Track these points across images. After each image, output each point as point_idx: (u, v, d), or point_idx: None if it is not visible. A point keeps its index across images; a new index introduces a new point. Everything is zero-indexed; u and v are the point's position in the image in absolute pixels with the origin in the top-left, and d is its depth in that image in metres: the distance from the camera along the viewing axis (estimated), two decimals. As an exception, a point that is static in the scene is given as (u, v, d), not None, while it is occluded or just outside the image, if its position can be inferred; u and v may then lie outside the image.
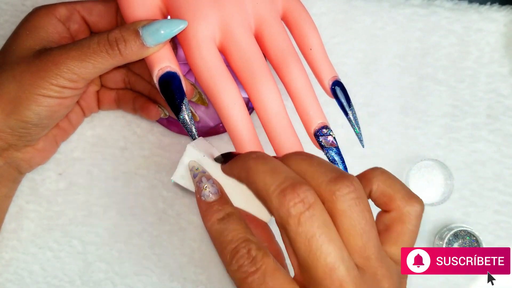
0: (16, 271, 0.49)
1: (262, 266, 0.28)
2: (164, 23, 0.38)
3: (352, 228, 0.28)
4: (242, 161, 0.31)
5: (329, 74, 0.41)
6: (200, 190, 0.33)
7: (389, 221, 0.31)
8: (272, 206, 0.28)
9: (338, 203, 0.28)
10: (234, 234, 0.30)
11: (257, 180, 0.29)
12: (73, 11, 0.44)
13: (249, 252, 0.29)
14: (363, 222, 0.28)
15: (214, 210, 0.32)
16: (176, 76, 0.38)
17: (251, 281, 0.28)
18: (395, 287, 0.30)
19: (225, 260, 0.29)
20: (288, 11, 0.41)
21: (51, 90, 0.39)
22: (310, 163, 0.30)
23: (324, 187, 0.28)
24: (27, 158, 0.44)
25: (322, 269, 0.27)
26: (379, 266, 0.29)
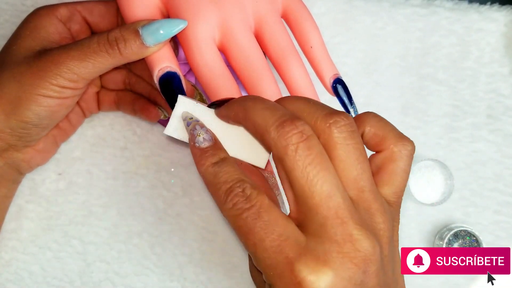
0: (16, 271, 0.49)
1: (257, 203, 0.29)
2: (163, 22, 0.38)
3: (347, 159, 0.29)
4: (240, 101, 0.32)
5: (330, 72, 0.41)
6: (194, 137, 0.33)
7: (381, 161, 0.32)
8: (270, 138, 0.29)
9: (333, 134, 0.29)
10: (228, 176, 0.30)
11: (255, 116, 0.30)
12: (74, 11, 0.44)
13: (243, 191, 0.29)
14: (357, 153, 0.29)
15: (208, 155, 0.32)
16: (176, 76, 0.38)
17: (246, 216, 0.28)
18: (389, 224, 0.30)
19: (220, 200, 0.30)
20: (288, 9, 0.41)
21: (51, 90, 0.39)
22: (306, 102, 0.31)
23: (320, 121, 0.29)
24: (27, 158, 0.44)
25: (319, 196, 0.28)
26: (373, 199, 0.30)
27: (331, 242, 0.27)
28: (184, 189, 0.50)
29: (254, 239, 0.28)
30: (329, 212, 0.28)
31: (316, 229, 0.28)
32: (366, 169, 0.30)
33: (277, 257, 0.28)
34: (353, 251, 0.27)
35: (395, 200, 0.32)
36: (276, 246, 0.28)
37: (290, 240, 0.28)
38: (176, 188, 0.50)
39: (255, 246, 0.28)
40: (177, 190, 0.50)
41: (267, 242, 0.28)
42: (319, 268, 0.27)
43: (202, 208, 0.50)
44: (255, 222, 0.28)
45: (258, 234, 0.28)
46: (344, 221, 0.28)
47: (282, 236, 0.28)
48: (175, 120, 0.35)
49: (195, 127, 0.34)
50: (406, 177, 0.32)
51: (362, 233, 0.28)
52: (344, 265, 0.27)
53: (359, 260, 0.27)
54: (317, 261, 0.27)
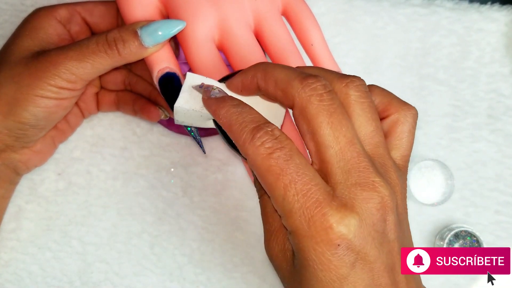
0: (16, 272, 0.49)
1: (288, 145, 0.28)
2: (162, 23, 0.38)
3: (363, 115, 0.30)
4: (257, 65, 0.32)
5: (331, 69, 0.41)
6: (209, 91, 0.33)
7: (387, 126, 0.33)
8: (293, 89, 0.29)
9: (350, 92, 0.30)
10: (254, 116, 0.30)
11: (278, 72, 0.31)
12: (74, 12, 0.44)
13: (273, 131, 0.29)
14: (372, 111, 0.31)
15: (227, 99, 0.31)
16: (175, 77, 0.38)
17: (278, 156, 0.28)
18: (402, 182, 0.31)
19: (245, 138, 0.29)
20: (288, 6, 0.41)
21: (49, 91, 0.39)
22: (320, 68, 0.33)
23: (336, 81, 0.30)
24: (24, 159, 0.43)
25: (343, 141, 0.29)
26: (387, 156, 0.31)
27: (356, 187, 0.28)
28: (184, 189, 0.50)
29: (285, 181, 0.28)
30: (352, 158, 0.28)
31: (340, 175, 0.28)
32: (380, 127, 0.31)
33: (307, 201, 0.28)
34: (376, 197, 0.28)
35: (403, 163, 0.33)
36: (308, 189, 0.28)
37: (320, 185, 0.28)
38: (176, 188, 0.50)
39: (286, 188, 0.28)
40: (177, 190, 0.50)
41: (299, 184, 0.28)
42: (348, 213, 0.27)
43: (202, 208, 0.50)
44: (288, 163, 0.28)
45: (291, 175, 0.28)
46: (366, 168, 0.28)
47: (313, 180, 0.28)
48: (186, 94, 0.35)
49: (208, 86, 0.34)
50: (412, 139, 0.33)
51: (382, 180, 0.28)
52: (369, 210, 0.28)
53: (381, 206, 0.28)
54: (345, 206, 0.28)
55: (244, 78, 0.33)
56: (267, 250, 0.33)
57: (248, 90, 0.34)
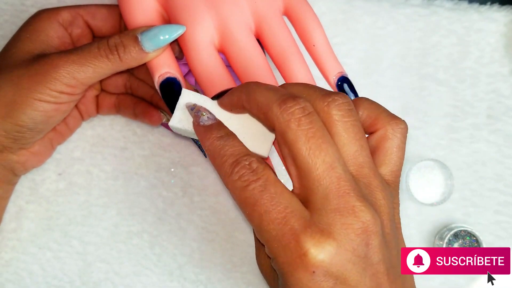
0: (16, 271, 0.49)
1: (263, 176, 0.29)
2: (162, 28, 0.38)
3: (346, 135, 0.30)
4: (242, 86, 0.33)
5: (334, 70, 0.41)
6: (198, 117, 0.34)
7: (375, 141, 0.33)
8: (273, 114, 0.29)
9: (331, 112, 0.30)
10: (234, 149, 0.30)
11: (259, 96, 0.31)
12: (76, 15, 0.44)
13: (250, 164, 0.29)
14: (356, 130, 0.30)
15: (213, 130, 0.32)
16: (176, 82, 0.39)
17: (253, 188, 0.29)
18: (389, 201, 0.30)
19: (225, 172, 0.30)
20: (290, 7, 0.41)
21: (48, 95, 0.39)
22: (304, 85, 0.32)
23: (318, 100, 0.30)
24: (22, 160, 0.43)
25: (322, 167, 0.28)
26: (372, 176, 0.30)
27: (335, 214, 0.28)
28: (184, 189, 0.50)
29: (260, 211, 0.28)
30: (331, 183, 0.28)
31: (319, 201, 0.28)
32: (365, 146, 0.30)
33: (282, 229, 0.28)
34: (356, 223, 0.28)
35: (393, 179, 0.32)
36: (282, 217, 0.28)
37: (295, 212, 0.28)
38: (176, 188, 0.50)
39: (260, 217, 0.28)
40: (177, 190, 0.50)
41: (273, 213, 0.28)
42: (323, 240, 0.27)
43: (202, 208, 0.50)
44: (262, 194, 0.28)
45: (265, 206, 0.28)
46: (346, 192, 0.28)
47: (288, 208, 0.28)
48: (180, 112, 0.36)
49: (199, 109, 0.35)
50: (401, 155, 0.33)
51: (364, 205, 0.28)
52: (348, 236, 0.28)
53: (362, 231, 0.28)
54: (321, 233, 0.27)
55: (231, 99, 0.34)
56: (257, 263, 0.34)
57: (237, 110, 0.34)
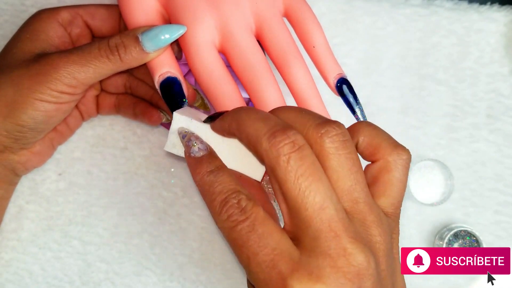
0: (16, 272, 0.49)
1: (252, 215, 0.28)
2: (163, 28, 0.38)
3: (340, 169, 0.28)
4: (233, 113, 0.32)
5: (334, 72, 0.41)
6: (189, 148, 0.33)
7: (376, 171, 0.31)
8: (262, 148, 0.28)
9: (325, 145, 0.28)
10: (224, 186, 0.30)
11: (248, 127, 0.29)
12: (76, 15, 0.44)
13: (239, 202, 0.29)
14: (350, 163, 0.29)
15: (204, 163, 0.31)
16: (176, 81, 0.39)
17: (240, 229, 0.28)
18: (386, 236, 0.29)
19: (214, 211, 0.29)
20: (290, 8, 0.41)
21: (49, 95, 0.39)
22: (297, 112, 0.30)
23: (312, 131, 0.29)
24: (23, 160, 0.43)
25: (312, 208, 0.27)
26: (368, 211, 0.29)
27: (324, 257, 0.27)
28: (184, 189, 0.50)
29: (248, 253, 0.28)
30: (322, 225, 0.27)
31: (309, 242, 0.27)
32: (360, 180, 0.29)
33: (270, 272, 0.27)
34: (346, 266, 0.27)
35: (393, 211, 0.31)
36: (269, 260, 0.27)
37: (283, 254, 0.27)
38: (176, 188, 0.50)
39: (248, 259, 0.28)
40: (177, 190, 0.50)
41: (260, 256, 0.27)
42: (311, 284, 0.26)
43: (202, 208, 0.50)
44: (249, 235, 0.28)
45: (252, 248, 0.28)
46: (337, 234, 0.27)
47: (276, 250, 0.27)
48: (173, 137, 0.35)
49: (190, 138, 0.34)
50: (403, 187, 0.31)
51: (356, 246, 0.27)
52: (338, 280, 0.26)
53: (353, 275, 0.27)
54: (309, 276, 0.27)
55: (223, 125, 0.33)
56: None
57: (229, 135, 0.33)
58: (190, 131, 0.35)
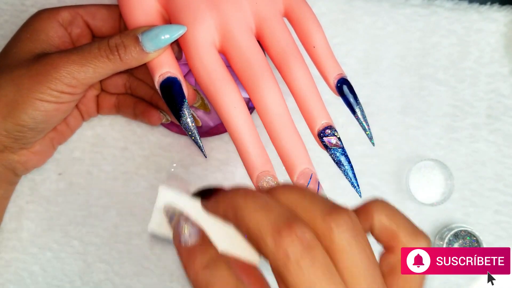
0: (16, 272, 0.49)
1: None
2: (163, 28, 0.38)
3: (355, 268, 0.25)
4: (228, 198, 0.28)
5: (334, 72, 0.41)
6: (179, 234, 0.28)
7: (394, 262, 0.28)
8: (267, 248, 0.25)
9: (335, 239, 0.25)
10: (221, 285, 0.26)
11: (247, 219, 0.26)
12: (76, 15, 0.44)
13: None
14: (366, 262, 0.26)
15: (197, 255, 0.27)
16: (176, 81, 0.38)
17: None
18: None
19: None
20: (290, 9, 0.41)
21: (49, 95, 0.39)
22: (301, 196, 0.27)
23: (320, 222, 0.26)
24: (23, 160, 0.43)
25: None
26: None
27: None
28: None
29: None
30: None
31: None
32: (377, 277, 0.26)
33: None
34: None
35: None
36: None
37: None
38: (176, 188, 0.50)
39: None
40: (177, 190, 0.50)
41: None
42: None
43: (202, 208, 0.50)
44: None
45: None
46: None
47: None
48: (158, 215, 0.31)
49: (178, 221, 0.29)
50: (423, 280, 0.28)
51: None
52: None
53: None
54: None
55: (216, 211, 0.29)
56: None
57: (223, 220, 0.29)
58: (178, 212, 0.30)
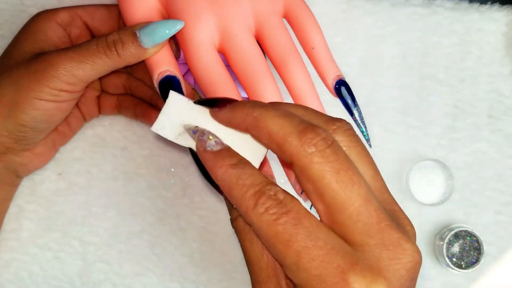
0: (16, 272, 0.49)
1: (294, 207, 0.26)
2: (160, 23, 0.38)
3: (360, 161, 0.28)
4: (247, 108, 0.29)
5: (332, 73, 0.41)
6: (204, 142, 0.30)
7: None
8: (292, 147, 0.26)
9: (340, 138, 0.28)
10: (254, 178, 0.27)
11: (270, 124, 0.28)
12: (75, 16, 0.44)
13: (276, 195, 0.27)
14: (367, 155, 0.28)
15: (225, 157, 0.29)
16: (175, 80, 0.38)
17: (284, 221, 0.26)
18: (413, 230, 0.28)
19: (246, 205, 0.27)
20: (290, 10, 0.41)
21: (48, 93, 0.39)
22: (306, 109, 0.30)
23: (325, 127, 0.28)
24: (25, 162, 0.43)
25: (358, 202, 0.26)
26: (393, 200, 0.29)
27: (381, 249, 0.26)
28: (184, 190, 0.50)
29: (297, 247, 0.25)
30: (371, 217, 0.26)
31: (360, 238, 0.26)
32: (377, 171, 0.29)
33: (326, 267, 0.25)
34: (404, 257, 0.26)
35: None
36: (324, 254, 0.25)
37: (337, 248, 0.26)
38: (176, 188, 0.50)
39: (299, 255, 0.25)
40: (177, 190, 0.50)
41: (313, 250, 0.25)
42: (375, 279, 0.25)
43: (202, 209, 0.50)
44: (297, 228, 0.26)
45: (302, 241, 0.25)
46: (387, 225, 0.26)
47: (328, 244, 0.26)
48: (164, 118, 0.33)
49: (203, 132, 0.31)
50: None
51: (405, 236, 0.26)
52: (397, 272, 0.26)
53: (411, 267, 0.26)
54: (371, 270, 0.25)
55: (232, 118, 0.30)
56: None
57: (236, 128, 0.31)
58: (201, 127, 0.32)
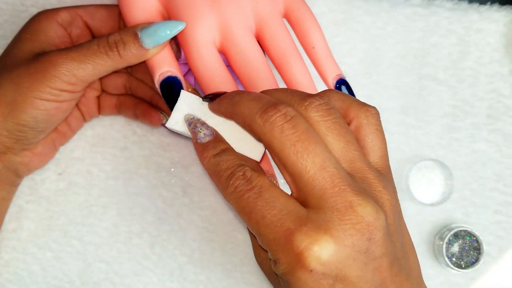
0: (16, 271, 0.49)
1: (257, 183, 0.29)
2: (162, 24, 0.38)
3: (329, 133, 0.30)
4: (229, 96, 0.33)
5: (333, 73, 0.41)
6: (196, 134, 0.35)
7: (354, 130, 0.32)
8: (257, 125, 0.30)
9: (310, 114, 0.30)
10: (229, 163, 0.31)
11: (242, 107, 0.31)
12: (75, 15, 0.44)
13: (244, 174, 0.30)
14: (338, 126, 0.30)
15: (210, 148, 0.33)
16: (176, 81, 0.39)
17: (247, 197, 0.29)
18: (389, 191, 0.30)
19: (222, 186, 0.31)
20: (290, 9, 0.41)
21: (48, 93, 0.39)
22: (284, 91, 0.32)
23: (297, 105, 0.30)
24: (25, 162, 0.43)
25: (313, 170, 0.28)
26: (366, 168, 0.30)
27: (332, 211, 0.28)
28: (184, 189, 0.50)
29: (256, 217, 0.29)
30: (325, 183, 0.28)
31: (315, 202, 0.28)
32: (352, 141, 0.31)
33: (278, 231, 0.28)
34: (355, 218, 0.28)
35: (383, 164, 0.32)
36: (277, 220, 0.28)
37: (291, 213, 0.28)
38: (176, 188, 0.50)
39: (257, 223, 0.29)
40: (177, 190, 0.50)
41: (268, 217, 0.28)
42: (320, 237, 0.27)
43: (202, 208, 0.50)
44: (256, 201, 0.29)
45: (260, 212, 0.29)
46: (342, 189, 0.28)
47: (283, 210, 0.28)
48: (177, 114, 0.36)
49: (196, 125, 0.35)
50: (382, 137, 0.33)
51: (362, 198, 0.28)
52: (346, 231, 0.27)
53: (363, 226, 0.28)
54: (317, 230, 0.27)
55: (220, 108, 0.34)
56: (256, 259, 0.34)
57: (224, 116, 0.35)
58: (196, 118, 0.36)
